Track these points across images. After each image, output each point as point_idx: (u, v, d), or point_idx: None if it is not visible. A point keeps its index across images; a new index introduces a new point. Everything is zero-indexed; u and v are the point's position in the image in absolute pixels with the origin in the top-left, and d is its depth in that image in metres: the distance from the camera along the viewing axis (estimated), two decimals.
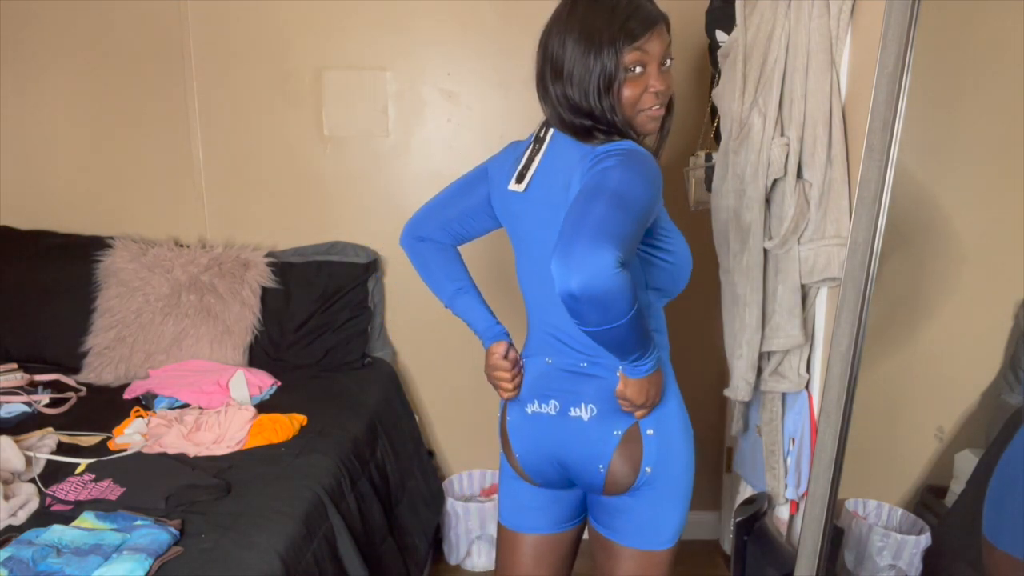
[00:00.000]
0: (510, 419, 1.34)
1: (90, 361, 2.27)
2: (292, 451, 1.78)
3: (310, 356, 2.36)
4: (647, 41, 1.16)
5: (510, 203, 1.31)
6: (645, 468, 1.24)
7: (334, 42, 2.39)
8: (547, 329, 1.31)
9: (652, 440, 1.24)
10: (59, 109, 2.46)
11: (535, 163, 1.26)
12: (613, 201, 1.03)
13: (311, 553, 1.49)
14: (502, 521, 1.44)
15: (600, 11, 1.15)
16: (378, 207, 2.48)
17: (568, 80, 1.18)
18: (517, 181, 1.27)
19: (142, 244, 2.39)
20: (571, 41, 1.16)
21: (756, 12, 1.69)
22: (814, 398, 1.85)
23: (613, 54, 1.14)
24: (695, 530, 2.67)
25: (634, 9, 1.16)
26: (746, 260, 1.76)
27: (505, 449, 1.37)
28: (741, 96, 1.70)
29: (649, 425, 1.24)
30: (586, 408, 1.26)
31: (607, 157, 1.12)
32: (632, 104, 1.19)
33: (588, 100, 1.17)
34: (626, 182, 1.06)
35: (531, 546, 1.40)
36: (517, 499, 1.40)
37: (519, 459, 1.34)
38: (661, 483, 1.26)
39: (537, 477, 1.34)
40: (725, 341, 1.88)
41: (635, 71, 1.17)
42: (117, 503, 1.49)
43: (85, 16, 2.39)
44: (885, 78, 1.43)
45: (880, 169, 1.46)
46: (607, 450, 1.24)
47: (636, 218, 1.05)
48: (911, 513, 1.79)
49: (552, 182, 1.23)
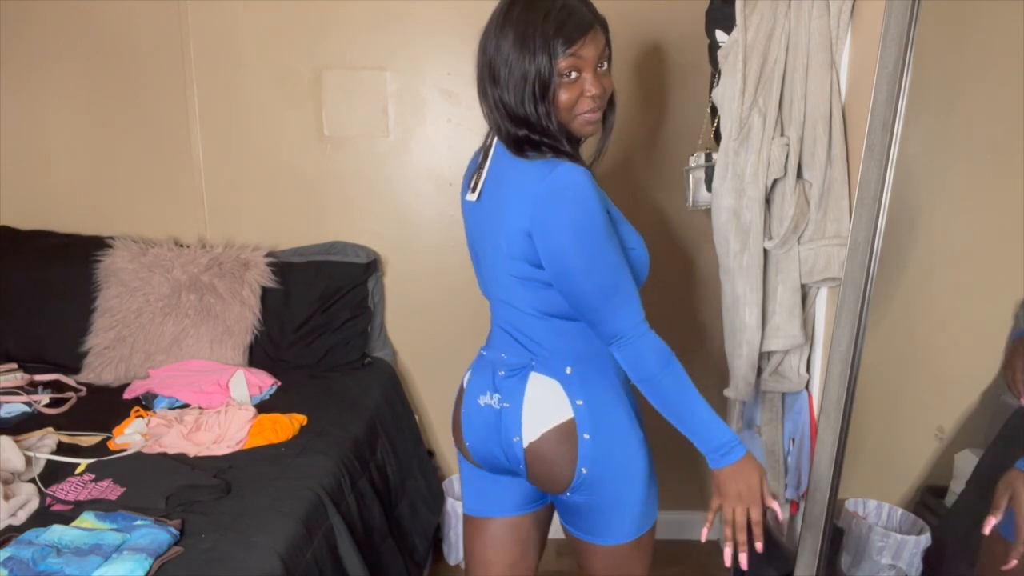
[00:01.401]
0: (464, 410, 1.36)
1: (90, 361, 2.27)
2: (292, 451, 1.78)
3: (310, 356, 2.36)
4: (581, 47, 1.15)
5: (469, 213, 1.35)
6: (581, 469, 1.26)
7: (334, 42, 2.39)
8: (503, 325, 1.34)
9: (588, 444, 1.25)
10: (59, 109, 2.46)
11: (484, 172, 1.28)
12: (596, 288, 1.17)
13: (311, 553, 1.49)
14: (465, 511, 1.46)
15: (534, 15, 1.14)
16: (378, 207, 2.48)
17: (504, 85, 1.17)
18: (472, 191, 1.30)
19: (142, 244, 2.39)
20: (506, 45, 1.16)
21: (756, 12, 1.69)
22: (814, 398, 1.85)
23: (547, 60, 1.13)
24: (695, 530, 2.67)
25: (568, 14, 1.15)
26: (746, 260, 1.76)
27: (457, 437, 1.39)
28: (741, 96, 1.70)
29: (586, 429, 1.26)
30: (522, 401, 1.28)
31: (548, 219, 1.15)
32: (568, 109, 1.18)
33: (524, 106, 1.17)
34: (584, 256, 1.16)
35: (495, 529, 1.42)
36: (476, 485, 1.42)
37: (469, 446, 1.37)
38: (602, 485, 1.28)
39: (486, 464, 1.37)
40: (725, 341, 1.88)
41: (570, 76, 1.16)
42: (117, 503, 1.49)
43: (85, 16, 2.39)
44: (885, 78, 1.43)
45: (880, 169, 1.46)
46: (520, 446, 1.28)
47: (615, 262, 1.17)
48: (911, 513, 1.79)
49: (500, 192, 1.24)
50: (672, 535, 2.67)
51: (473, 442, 1.36)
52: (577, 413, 1.26)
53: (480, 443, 1.34)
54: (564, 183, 1.14)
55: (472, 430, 1.35)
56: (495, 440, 1.32)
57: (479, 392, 1.34)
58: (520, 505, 1.41)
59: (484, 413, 1.33)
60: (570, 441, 1.26)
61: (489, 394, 1.32)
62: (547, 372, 1.28)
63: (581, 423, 1.26)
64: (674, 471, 2.63)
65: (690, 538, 2.64)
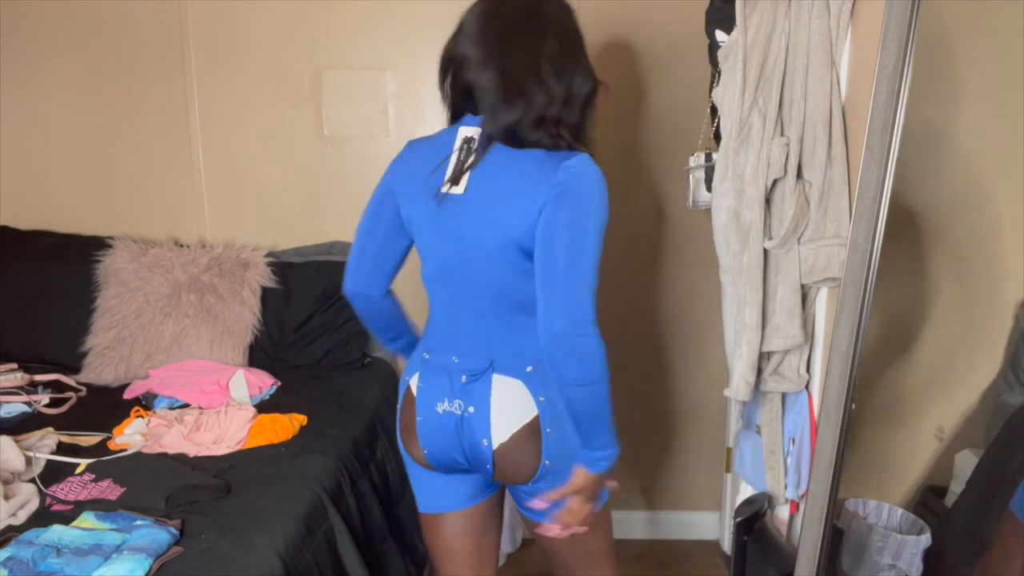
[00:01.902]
0: (420, 419, 1.36)
1: (90, 361, 2.27)
2: (292, 451, 1.78)
3: (310, 356, 2.36)
4: None
5: (445, 206, 1.30)
6: (545, 461, 1.30)
7: (334, 42, 2.39)
8: (458, 327, 1.34)
9: (551, 437, 1.30)
10: (59, 109, 2.46)
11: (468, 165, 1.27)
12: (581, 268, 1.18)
13: (311, 553, 1.49)
14: (421, 510, 1.50)
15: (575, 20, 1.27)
16: None
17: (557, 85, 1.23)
18: (454, 183, 1.28)
19: (142, 244, 2.39)
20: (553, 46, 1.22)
21: (756, 12, 1.69)
22: (814, 398, 1.85)
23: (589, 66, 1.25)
24: (695, 530, 2.67)
25: None
26: (746, 260, 1.76)
27: (410, 443, 1.40)
28: (741, 96, 1.70)
29: (548, 424, 1.29)
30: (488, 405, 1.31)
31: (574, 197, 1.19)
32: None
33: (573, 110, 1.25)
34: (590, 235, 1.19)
35: (452, 522, 1.46)
36: (428, 484, 1.45)
37: (427, 453, 1.38)
38: (563, 473, 1.32)
39: (442, 468, 1.39)
40: (725, 341, 1.88)
41: None
42: (117, 503, 1.49)
43: (85, 16, 2.39)
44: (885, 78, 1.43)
45: (880, 169, 1.46)
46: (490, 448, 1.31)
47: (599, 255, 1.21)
48: (911, 513, 1.79)
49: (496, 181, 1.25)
50: (672, 535, 2.68)
51: (432, 448, 1.36)
52: (541, 409, 1.29)
53: (439, 449, 1.36)
54: (592, 170, 1.22)
55: (430, 437, 1.36)
56: (455, 445, 1.33)
57: (436, 399, 1.34)
58: (473, 496, 1.45)
59: (443, 419, 1.33)
60: (535, 437, 1.30)
61: (448, 401, 1.33)
62: (509, 373, 1.30)
63: (544, 419, 1.29)
64: (669, 474, 2.63)
65: (689, 538, 2.65)
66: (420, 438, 1.37)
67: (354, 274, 1.47)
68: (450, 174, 1.28)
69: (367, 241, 1.45)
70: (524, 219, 1.21)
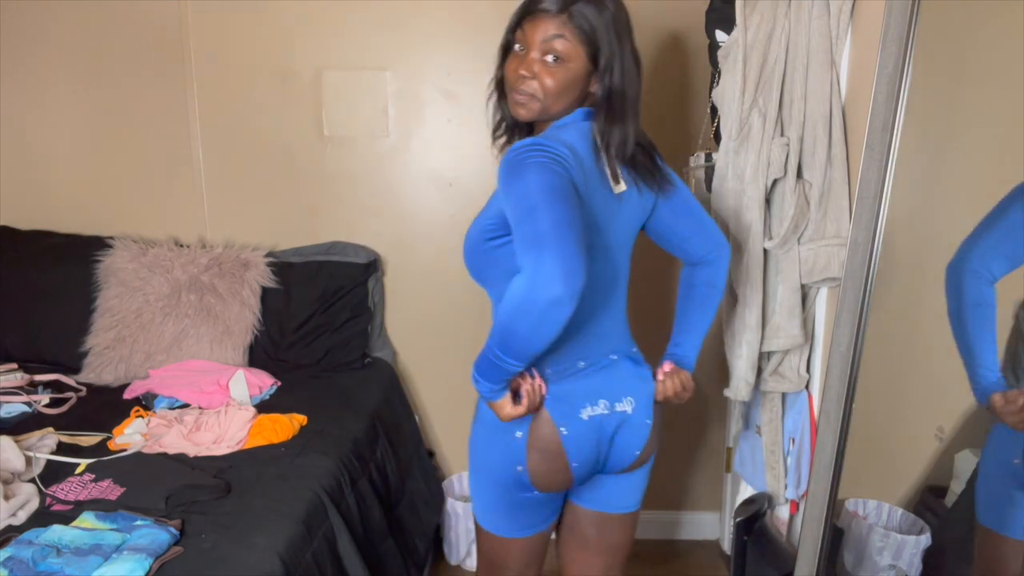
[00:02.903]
0: (567, 433, 1.28)
1: (90, 361, 2.27)
2: (292, 451, 1.78)
3: (310, 356, 2.36)
4: (531, 23, 1.23)
5: (613, 203, 1.27)
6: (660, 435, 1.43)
7: (334, 42, 2.39)
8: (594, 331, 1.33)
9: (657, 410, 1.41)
10: (59, 109, 2.46)
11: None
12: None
13: (311, 553, 1.49)
14: (503, 534, 1.40)
15: None
16: (378, 207, 2.48)
17: None
18: (616, 182, 1.26)
19: (142, 244, 2.39)
20: None
21: (756, 12, 1.69)
22: (814, 398, 1.85)
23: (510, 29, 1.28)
24: (695, 530, 2.67)
25: None
26: (746, 260, 1.76)
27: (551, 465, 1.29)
28: (741, 96, 1.70)
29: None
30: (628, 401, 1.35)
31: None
32: (507, 80, 1.28)
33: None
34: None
35: (535, 543, 1.45)
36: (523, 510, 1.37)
37: (575, 469, 1.31)
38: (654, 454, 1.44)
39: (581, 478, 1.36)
40: (725, 341, 1.88)
41: (515, 49, 1.27)
42: (117, 503, 1.49)
43: (85, 16, 2.39)
44: (885, 78, 1.43)
45: (880, 169, 1.46)
46: (644, 433, 1.37)
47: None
48: (911, 513, 1.79)
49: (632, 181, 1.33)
50: (672, 535, 2.68)
51: (581, 462, 1.31)
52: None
53: (586, 460, 1.32)
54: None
55: (579, 449, 1.29)
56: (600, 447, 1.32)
57: (578, 408, 1.28)
58: (550, 517, 1.45)
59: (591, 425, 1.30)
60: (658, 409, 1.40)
61: (590, 407, 1.30)
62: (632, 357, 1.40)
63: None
64: (669, 473, 2.63)
65: (687, 538, 2.65)
66: (570, 455, 1.28)
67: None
68: (610, 171, 1.29)
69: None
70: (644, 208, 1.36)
